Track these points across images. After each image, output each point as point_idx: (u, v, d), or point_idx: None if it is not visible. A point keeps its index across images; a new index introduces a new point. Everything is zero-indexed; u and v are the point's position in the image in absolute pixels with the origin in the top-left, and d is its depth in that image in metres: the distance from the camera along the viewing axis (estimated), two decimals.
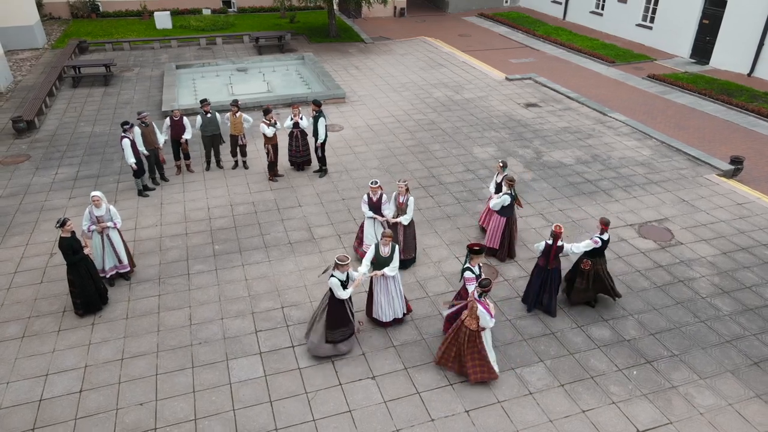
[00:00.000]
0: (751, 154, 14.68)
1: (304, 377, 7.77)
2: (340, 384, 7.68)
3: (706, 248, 10.76)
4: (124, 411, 7.24)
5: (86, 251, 8.55)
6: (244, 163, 13.55)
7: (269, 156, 12.63)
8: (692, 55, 22.57)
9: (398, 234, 9.57)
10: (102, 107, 17.34)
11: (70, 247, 8.27)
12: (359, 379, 7.75)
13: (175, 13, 28.50)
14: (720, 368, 8.05)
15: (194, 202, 12.09)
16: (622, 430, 7.11)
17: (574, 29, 27.32)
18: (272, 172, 12.93)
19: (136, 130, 11.76)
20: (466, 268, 7.71)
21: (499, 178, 10.25)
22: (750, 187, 13.04)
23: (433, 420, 7.19)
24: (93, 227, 8.95)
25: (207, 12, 29.41)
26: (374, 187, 9.47)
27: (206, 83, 19.71)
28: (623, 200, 12.38)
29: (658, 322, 8.90)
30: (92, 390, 7.53)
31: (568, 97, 18.44)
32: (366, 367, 7.95)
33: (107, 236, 9.10)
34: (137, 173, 11.89)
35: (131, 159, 11.49)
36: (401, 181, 9.49)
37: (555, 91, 19.00)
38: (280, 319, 8.82)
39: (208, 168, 13.43)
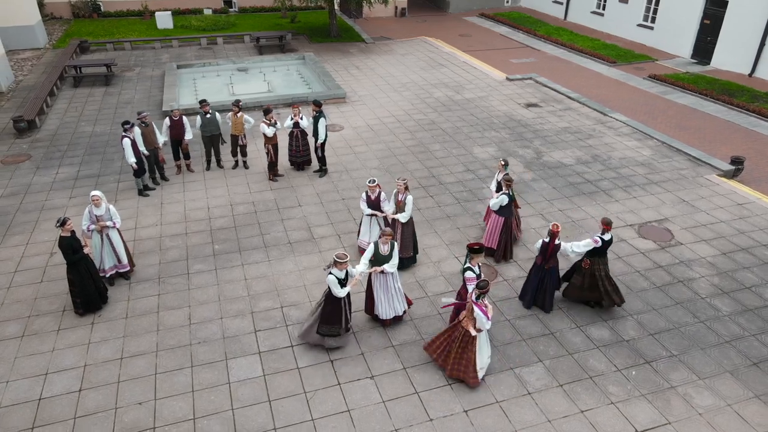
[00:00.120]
0: (752, 154, 14.67)
1: (302, 377, 7.78)
2: (339, 384, 7.69)
3: (705, 249, 10.75)
4: (123, 410, 7.26)
5: (86, 250, 8.58)
6: (244, 162, 13.56)
7: (269, 156, 12.64)
8: (693, 56, 22.54)
9: (396, 232, 9.58)
10: (103, 107, 17.37)
11: (70, 246, 8.29)
12: (358, 379, 7.76)
13: (176, 13, 28.54)
14: (719, 369, 8.04)
15: (194, 201, 12.11)
16: (620, 431, 7.10)
17: (575, 29, 27.31)
18: (272, 172, 12.94)
19: (137, 129, 11.79)
20: (467, 267, 7.71)
21: (500, 177, 10.25)
22: (750, 188, 13.02)
23: (431, 420, 7.19)
24: (92, 227, 8.97)
25: (208, 12, 29.45)
26: (372, 185, 9.50)
27: (207, 83, 19.74)
28: (623, 200, 12.37)
29: (658, 322, 8.89)
30: (91, 389, 7.55)
31: (568, 97, 18.42)
32: (365, 367, 7.96)
33: (107, 236, 9.13)
34: (138, 173, 11.91)
35: (132, 158, 11.50)
36: (400, 180, 9.50)
37: (556, 91, 18.98)
38: (279, 318, 8.83)
39: (208, 168, 13.45)
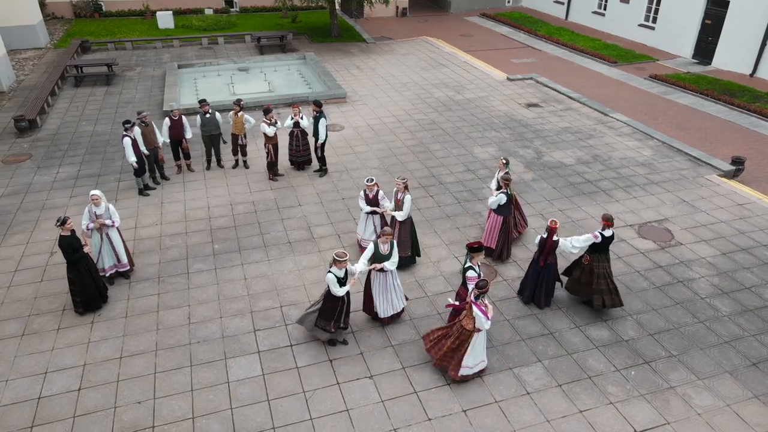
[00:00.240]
0: (753, 154, 14.64)
1: (301, 376, 7.79)
2: (338, 383, 7.69)
3: (705, 249, 10.74)
4: (123, 409, 7.27)
5: (86, 250, 8.59)
6: (244, 162, 13.57)
7: (269, 155, 12.65)
8: (694, 56, 22.51)
9: (394, 231, 9.58)
10: (104, 106, 17.39)
11: (70, 245, 8.31)
12: (357, 379, 7.77)
13: (178, 13, 28.59)
14: (718, 369, 8.03)
15: (194, 201, 12.12)
16: (619, 431, 7.10)
17: (576, 29, 27.29)
18: (272, 172, 12.95)
19: (137, 129, 11.80)
20: (468, 267, 7.71)
21: (501, 175, 10.24)
22: (751, 188, 13.00)
23: (430, 419, 7.19)
24: (91, 224, 8.99)
25: (209, 12, 29.49)
26: (370, 184, 9.52)
27: (208, 83, 19.76)
28: (623, 200, 12.36)
29: (657, 322, 8.89)
30: (91, 388, 7.56)
31: (569, 97, 18.41)
32: (364, 367, 7.96)
33: (106, 235, 9.14)
34: (138, 172, 11.93)
35: (132, 158, 11.52)
36: (400, 179, 9.51)
37: (556, 91, 18.97)
38: (278, 318, 8.84)
39: (208, 167, 13.46)
